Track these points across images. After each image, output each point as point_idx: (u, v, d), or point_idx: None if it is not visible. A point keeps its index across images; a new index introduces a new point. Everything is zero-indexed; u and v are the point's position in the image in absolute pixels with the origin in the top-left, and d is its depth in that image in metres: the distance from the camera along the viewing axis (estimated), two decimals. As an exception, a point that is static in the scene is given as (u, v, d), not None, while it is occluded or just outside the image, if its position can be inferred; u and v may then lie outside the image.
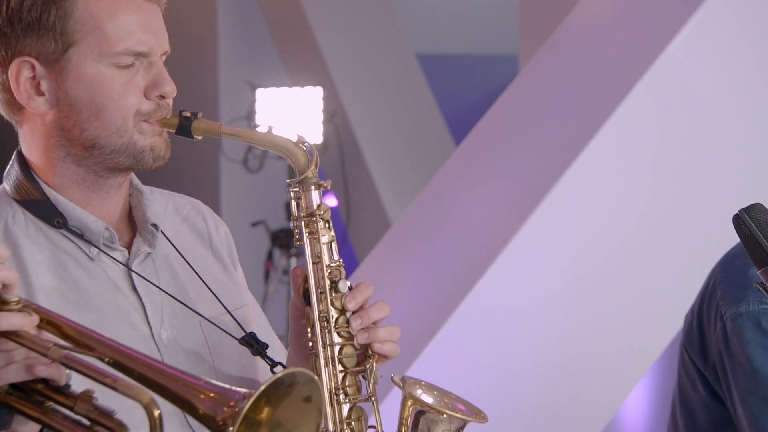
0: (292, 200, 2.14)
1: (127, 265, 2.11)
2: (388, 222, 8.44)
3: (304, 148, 2.10)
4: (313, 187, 2.13)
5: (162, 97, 2.05)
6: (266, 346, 2.17)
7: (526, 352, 4.25)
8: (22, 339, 1.58)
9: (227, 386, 1.57)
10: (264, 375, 2.25)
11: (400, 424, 2.19)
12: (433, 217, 4.78)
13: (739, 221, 2.01)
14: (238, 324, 2.20)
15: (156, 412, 1.54)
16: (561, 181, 4.30)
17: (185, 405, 1.59)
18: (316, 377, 1.64)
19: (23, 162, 2.09)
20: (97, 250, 2.07)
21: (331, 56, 9.36)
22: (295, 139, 2.09)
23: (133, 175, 2.18)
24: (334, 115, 9.50)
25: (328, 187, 2.15)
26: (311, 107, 9.38)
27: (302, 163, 2.10)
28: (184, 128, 2.05)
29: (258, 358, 2.23)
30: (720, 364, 2.66)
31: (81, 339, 1.62)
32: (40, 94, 2.01)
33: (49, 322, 1.63)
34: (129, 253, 2.13)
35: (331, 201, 8.73)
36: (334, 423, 2.11)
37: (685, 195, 4.44)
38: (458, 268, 4.36)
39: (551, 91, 4.75)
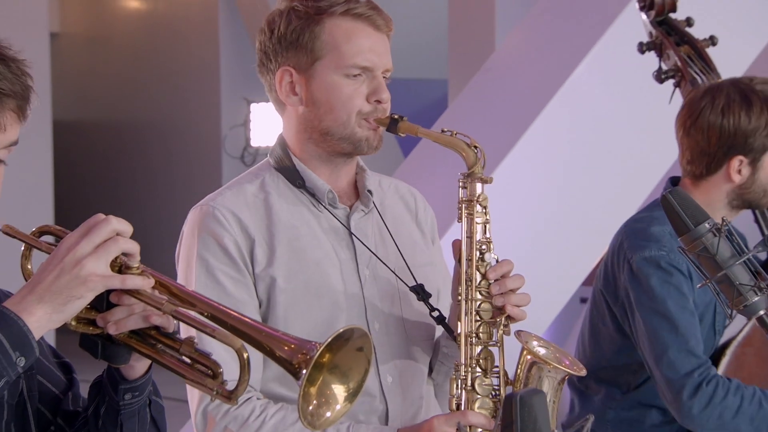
0: (460, 188, 2.32)
1: (346, 219, 2.37)
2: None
3: (475, 150, 2.30)
4: (478, 180, 2.31)
5: (379, 102, 2.30)
6: (429, 295, 2.34)
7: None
8: (141, 296, 1.63)
9: (302, 338, 1.64)
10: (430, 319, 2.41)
11: (518, 368, 2.27)
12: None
13: (665, 200, 2.11)
14: (412, 275, 2.37)
15: (245, 355, 1.63)
16: (495, 173, 4.33)
17: (267, 351, 1.67)
18: (368, 332, 1.73)
19: (283, 141, 2.41)
20: (322, 206, 2.35)
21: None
22: (469, 142, 2.29)
23: (359, 158, 2.44)
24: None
25: (490, 182, 2.32)
26: None
27: (472, 161, 2.29)
28: (392, 126, 2.28)
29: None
30: (626, 298, 2.88)
31: (186, 298, 1.69)
32: (295, 94, 2.33)
33: (161, 283, 1.68)
34: (350, 210, 2.38)
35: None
36: (467, 359, 2.25)
37: (589, 186, 4.74)
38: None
39: (485, 105, 5.01)
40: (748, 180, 2.83)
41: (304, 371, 1.61)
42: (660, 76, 3.11)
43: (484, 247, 2.30)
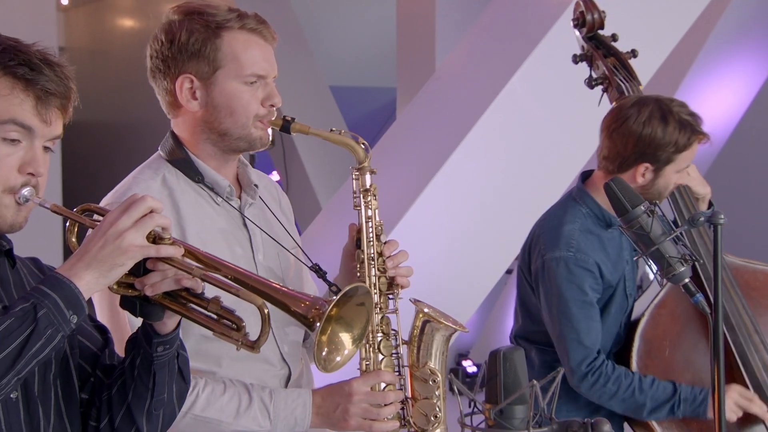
0: (353, 180, 2.27)
1: (240, 210, 2.27)
2: (315, 197, 8.66)
3: (363, 146, 2.26)
4: (368, 172, 2.28)
5: (272, 105, 2.21)
6: (326, 272, 2.28)
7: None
8: (173, 262, 1.62)
9: (314, 295, 1.70)
10: (307, 291, 2.36)
11: (413, 328, 2.27)
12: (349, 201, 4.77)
13: (608, 187, 2.17)
14: (299, 258, 2.34)
15: (265, 310, 1.64)
16: (440, 172, 4.55)
17: (285, 307, 1.65)
18: (370, 290, 1.77)
19: (176, 137, 2.25)
20: (221, 199, 2.24)
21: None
22: (357, 139, 2.24)
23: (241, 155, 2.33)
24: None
25: (376, 172, 2.29)
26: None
27: (361, 156, 2.26)
28: (285, 127, 2.22)
29: (304, 279, 2.40)
30: (535, 283, 2.88)
31: (211, 263, 1.67)
32: (195, 99, 2.18)
33: (190, 251, 1.67)
34: (240, 201, 2.29)
35: (275, 177, 8.81)
36: (372, 326, 2.20)
37: (519, 181, 4.72)
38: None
39: (432, 111, 4.99)
40: (648, 183, 2.81)
41: (318, 324, 1.62)
42: (591, 83, 3.10)
43: (378, 230, 2.26)
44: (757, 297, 2.93)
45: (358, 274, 2.24)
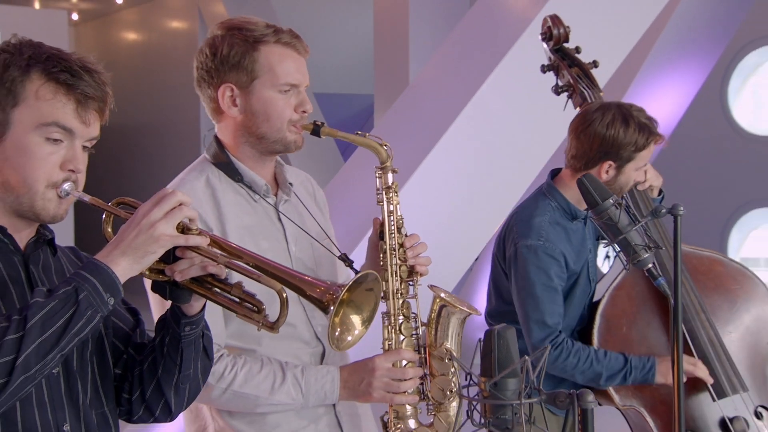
0: (377, 178, 2.25)
1: (275, 206, 2.25)
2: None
3: (386, 148, 2.23)
4: (390, 171, 2.25)
5: (304, 111, 2.19)
6: (353, 261, 2.26)
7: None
8: (200, 251, 1.60)
9: (329, 281, 1.64)
10: (340, 279, 2.32)
11: (431, 312, 2.25)
12: (336, 197, 4.81)
13: (581, 182, 2.19)
14: (328, 248, 2.30)
15: (284, 295, 1.62)
16: (416, 173, 4.61)
17: (301, 292, 1.64)
18: (379, 276, 1.72)
19: (219, 142, 2.25)
20: (258, 196, 2.22)
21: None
22: (380, 142, 2.22)
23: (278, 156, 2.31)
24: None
25: (398, 171, 2.28)
26: None
27: (384, 156, 2.23)
28: (315, 131, 2.18)
29: (338, 268, 2.34)
30: (509, 268, 2.88)
31: (234, 251, 1.65)
32: (235, 105, 2.17)
33: (215, 241, 1.64)
34: (276, 198, 2.27)
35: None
36: (394, 309, 2.20)
37: (487, 178, 4.76)
38: (344, 236, 4.19)
39: (409, 116, 5.00)
40: (612, 179, 2.81)
41: (332, 308, 1.61)
42: (557, 90, 3.10)
43: (400, 223, 2.25)
44: (703, 280, 2.93)
45: (381, 263, 2.21)
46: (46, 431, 1.59)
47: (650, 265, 2.11)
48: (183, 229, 1.60)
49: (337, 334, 1.67)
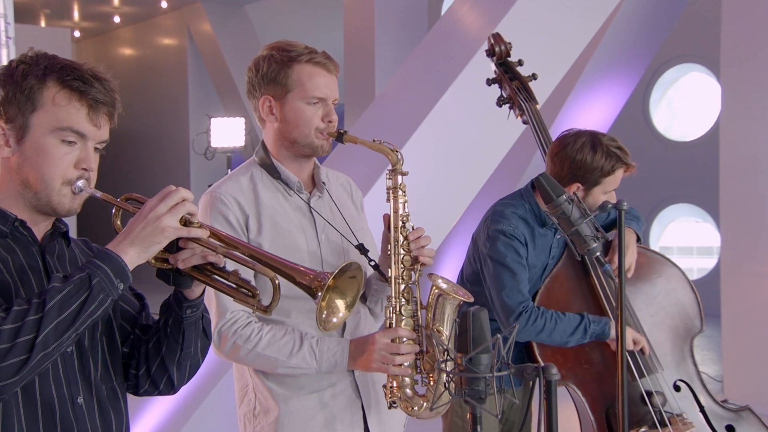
0: (387, 179, 2.23)
1: (308, 201, 2.28)
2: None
3: (397, 152, 2.21)
4: (399, 174, 2.22)
5: (330, 121, 2.22)
6: (368, 250, 2.25)
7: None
8: (200, 242, 1.57)
9: (317, 270, 1.62)
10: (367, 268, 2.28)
11: (429, 297, 2.20)
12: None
13: (539, 181, 2.19)
14: (355, 237, 2.27)
15: (276, 282, 1.60)
16: (382, 176, 4.27)
17: (292, 279, 1.61)
18: (361, 266, 1.70)
19: (264, 145, 2.29)
20: (292, 192, 2.25)
21: (247, 103, 9.32)
22: (392, 147, 2.21)
23: (315, 159, 2.33)
24: (250, 131, 9.83)
25: (407, 174, 2.24)
26: (238, 128, 9.79)
27: (395, 160, 2.21)
28: (339, 138, 2.19)
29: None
30: (483, 251, 2.81)
31: (231, 243, 1.62)
32: (273, 114, 2.22)
33: (214, 233, 1.61)
34: (310, 195, 2.29)
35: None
36: (396, 293, 2.19)
37: (447, 181, 4.65)
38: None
39: (377, 124, 4.88)
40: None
41: (320, 293, 1.60)
42: (500, 102, 3.07)
43: (405, 218, 2.23)
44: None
45: (389, 253, 2.20)
46: (62, 403, 1.56)
47: (598, 254, 2.08)
48: (185, 222, 1.56)
49: (323, 316, 1.65)
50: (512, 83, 3.02)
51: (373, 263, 2.27)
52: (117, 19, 12.91)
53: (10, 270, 1.55)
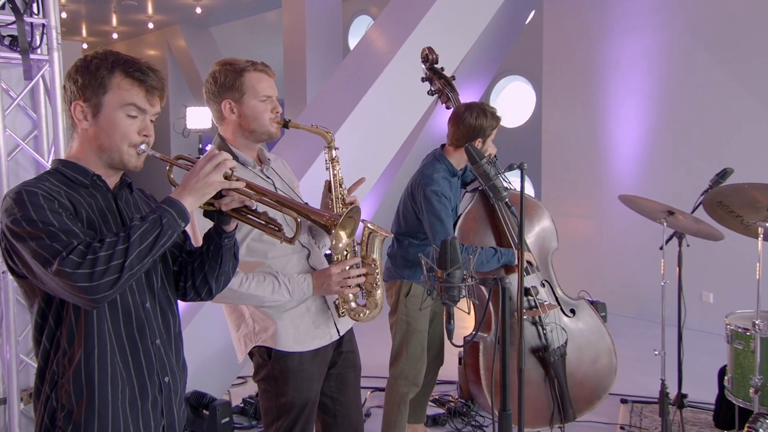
0: (324, 153, 2.08)
1: (262, 172, 2.06)
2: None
3: (330, 133, 2.06)
4: (333, 149, 2.09)
5: (277, 112, 2.02)
6: (308, 203, 2.00)
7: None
8: (238, 191, 1.46)
9: (331, 212, 1.57)
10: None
11: (362, 235, 2.11)
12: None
13: (467, 149, 2.01)
14: (300, 196, 2.13)
15: (299, 220, 1.49)
16: (316, 161, 3.90)
17: (311, 219, 1.51)
18: (359, 209, 1.63)
19: (221, 137, 2.05)
20: (249, 168, 2.02)
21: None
22: (326, 130, 2.05)
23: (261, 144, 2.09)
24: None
25: (338, 149, 2.10)
26: (206, 115, 9.20)
27: (329, 139, 2.07)
28: (285, 124, 2.02)
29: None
30: (420, 203, 2.69)
31: (262, 191, 1.49)
32: (233, 113, 1.99)
33: (249, 185, 1.48)
34: (261, 169, 2.06)
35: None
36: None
37: (369, 159, 4.36)
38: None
39: (316, 116, 4.49)
40: (481, 149, 2.63)
41: (333, 230, 1.53)
42: (431, 93, 2.99)
43: (340, 181, 2.09)
44: (518, 209, 2.80)
45: (331, 206, 2.07)
46: (136, 308, 1.47)
47: (507, 200, 2.01)
48: (227, 176, 1.44)
49: (334, 243, 1.62)
50: (440, 80, 2.96)
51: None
52: (115, 36, 12.28)
53: (94, 211, 1.44)
